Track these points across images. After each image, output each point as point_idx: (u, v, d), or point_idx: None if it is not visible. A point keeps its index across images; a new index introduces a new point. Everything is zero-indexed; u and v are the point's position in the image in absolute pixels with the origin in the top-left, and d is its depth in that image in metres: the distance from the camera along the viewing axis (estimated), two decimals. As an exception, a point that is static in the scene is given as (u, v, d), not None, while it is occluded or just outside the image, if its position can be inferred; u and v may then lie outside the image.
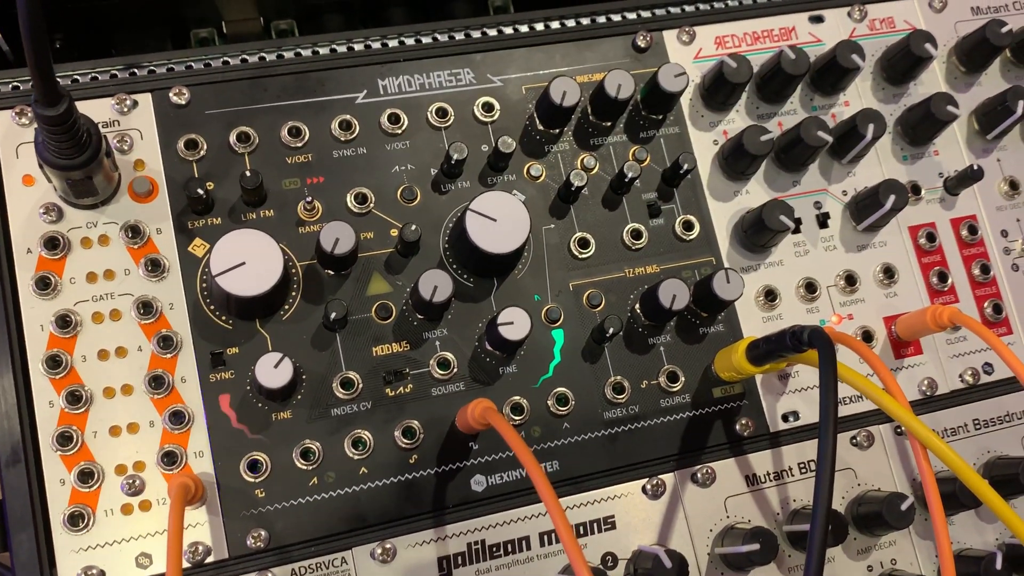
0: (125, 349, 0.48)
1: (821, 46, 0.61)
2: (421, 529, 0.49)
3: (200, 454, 0.48)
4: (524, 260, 0.54)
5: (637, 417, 0.53)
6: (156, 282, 0.49)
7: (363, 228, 0.52)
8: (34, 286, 0.48)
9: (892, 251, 0.58)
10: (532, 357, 0.53)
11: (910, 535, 0.55)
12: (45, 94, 0.42)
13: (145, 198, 0.50)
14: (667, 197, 0.56)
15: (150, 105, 0.51)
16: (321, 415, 0.49)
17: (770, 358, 0.49)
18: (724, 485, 0.53)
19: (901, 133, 0.60)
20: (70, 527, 0.46)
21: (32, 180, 0.49)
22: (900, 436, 0.56)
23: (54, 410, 0.47)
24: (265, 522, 0.48)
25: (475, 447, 0.51)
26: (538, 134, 0.55)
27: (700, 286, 0.53)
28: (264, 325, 0.50)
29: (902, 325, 0.57)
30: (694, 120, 0.58)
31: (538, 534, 0.51)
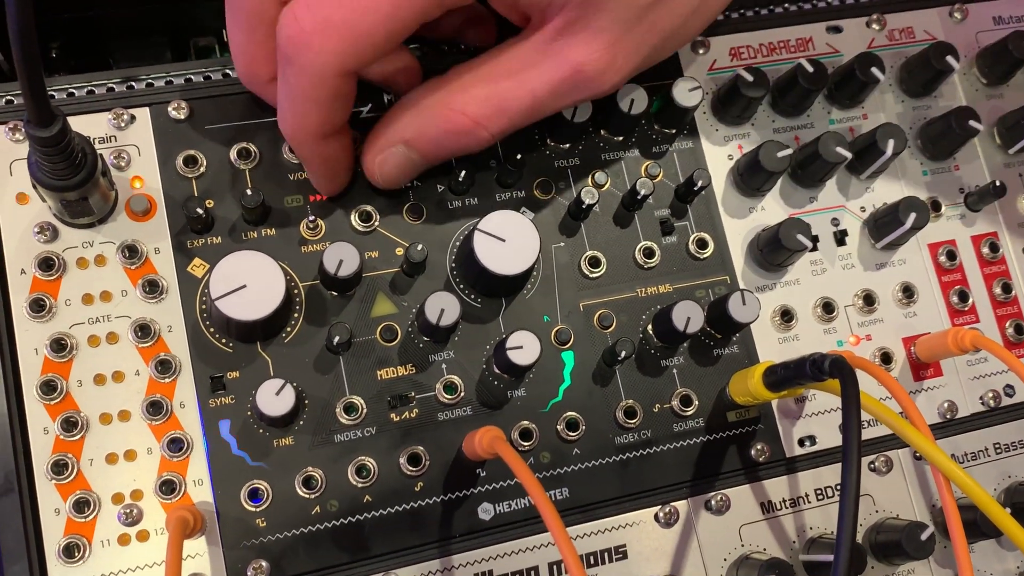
0: (122, 373, 0.47)
1: (839, 57, 0.59)
2: (427, 559, 0.48)
3: (199, 482, 0.46)
4: (533, 280, 0.52)
5: (649, 442, 0.52)
6: (154, 304, 0.48)
7: (367, 247, 0.50)
8: (28, 308, 0.47)
9: (911, 269, 0.57)
10: (541, 380, 0.51)
11: (929, 564, 0.53)
12: (38, 114, 0.40)
13: (143, 217, 0.49)
14: (680, 214, 0.55)
15: (148, 120, 0.50)
16: (324, 441, 0.48)
17: (788, 385, 0.48)
18: (739, 512, 0.52)
19: (921, 148, 0.59)
20: (65, 558, 0.45)
21: (26, 198, 0.48)
22: (919, 461, 0.55)
23: (49, 437, 0.46)
24: (266, 553, 0.46)
25: (482, 474, 0.50)
26: (548, 149, 0.54)
27: (715, 307, 0.52)
28: (265, 348, 0.48)
29: (922, 347, 0.55)
30: (708, 134, 0.56)
31: (547, 564, 0.49)
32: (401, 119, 0.47)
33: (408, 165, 0.49)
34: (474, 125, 0.46)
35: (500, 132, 0.47)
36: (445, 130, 0.47)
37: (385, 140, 0.48)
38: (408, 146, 0.48)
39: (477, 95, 0.46)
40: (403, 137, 0.47)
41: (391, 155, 0.48)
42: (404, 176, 0.49)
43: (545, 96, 0.46)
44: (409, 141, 0.47)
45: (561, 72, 0.45)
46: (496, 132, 0.47)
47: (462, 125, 0.46)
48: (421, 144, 0.48)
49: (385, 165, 0.48)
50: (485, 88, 0.46)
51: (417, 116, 0.47)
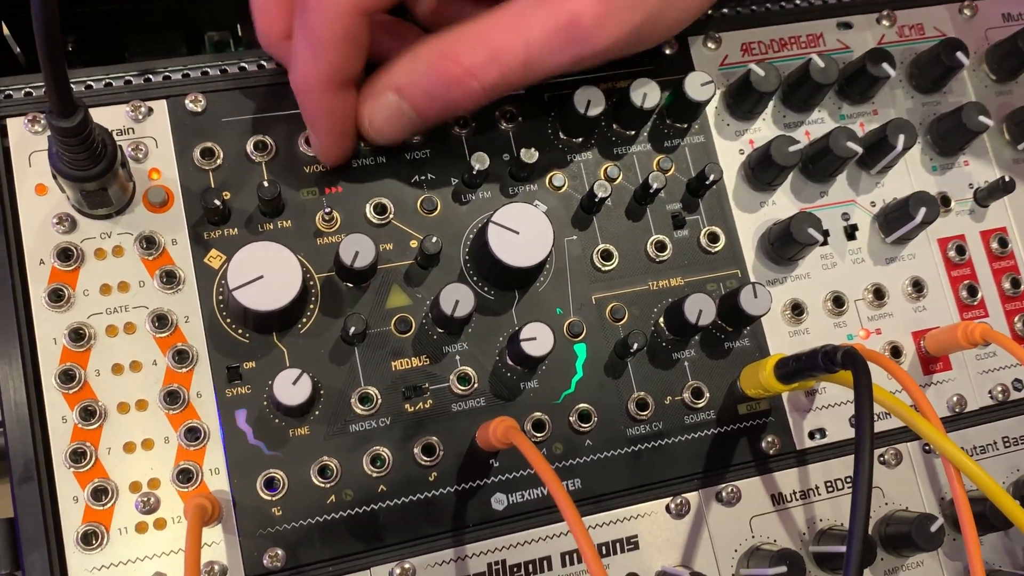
0: (140, 363, 0.47)
1: (849, 53, 0.59)
2: (441, 548, 0.48)
3: (216, 471, 0.47)
4: (546, 272, 0.53)
5: (661, 434, 0.52)
6: (171, 294, 0.48)
7: (382, 239, 0.51)
8: (47, 298, 0.47)
9: (921, 264, 0.57)
10: (554, 372, 0.51)
11: (938, 556, 0.54)
12: (60, 105, 0.40)
13: (160, 208, 0.49)
14: (692, 208, 0.55)
15: (165, 112, 0.50)
16: (339, 431, 0.48)
17: (799, 377, 0.48)
18: (749, 504, 0.52)
19: (931, 143, 0.59)
20: (83, 546, 0.45)
21: (45, 189, 0.48)
22: (928, 454, 0.55)
23: (67, 426, 0.46)
24: (282, 541, 0.47)
25: (496, 464, 0.50)
26: (560, 143, 0.54)
27: (726, 301, 0.52)
28: (281, 339, 0.49)
29: (932, 341, 0.55)
30: (719, 129, 0.56)
31: (560, 554, 0.50)
32: (395, 66, 0.47)
33: (400, 118, 0.48)
34: (465, 73, 0.45)
35: (492, 84, 0.46)
36: (436, 79, 0.46)
37: (377, 86, 0.47)
38: (400, 95, 0.47)
39: (470, 43, 0.45)
40: (395, 83, 0.46)
41: (382, 105, 0.47)
42: (396, 130, 0.48)
43: (538, 47, 0.45)
44: (401, 88, 0.46)
45: (556, 21, 0.45)
46: (487, 83, 0.46)
47: (453, 73, 0.45)
48: (412, 93, 0.47)
49: (375, 114, 0.47)
50: (479, 36, 0.45)
51: (410, 63, 0.46)
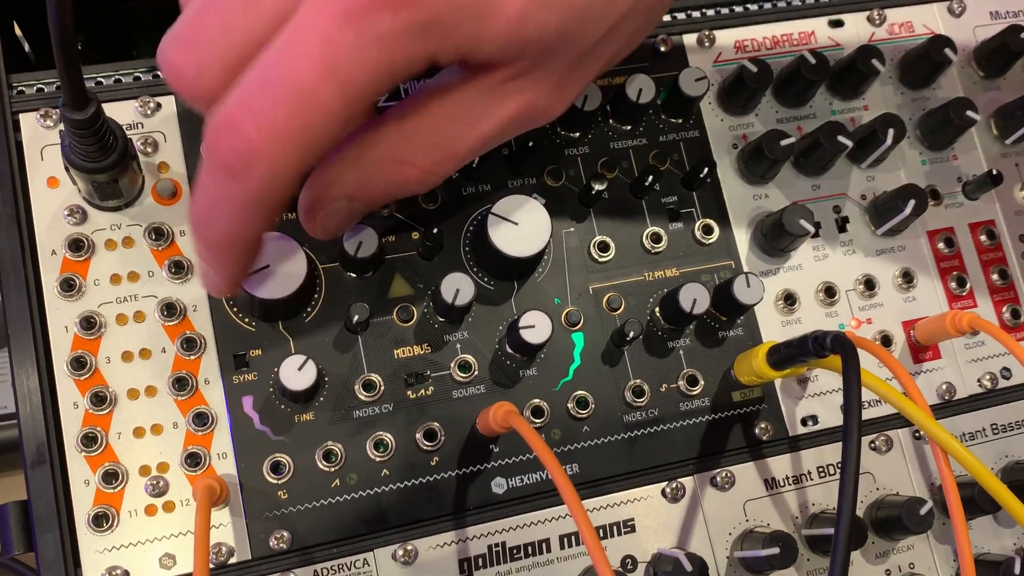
0: (149, 351, 0.49)
1: (840, 50, 0.61)
2: (442, 531, 0.50)
3: (223, 455, 0.48)
4: (544, 263, 0.54)
5: (657, 420, 0.53)
6: (180, 284, 0.50)
7: (384, 230, 0.52)
8: (59, 288, 0.48)
9: (911, 255, 0.59)
10: (552, 360, 0.53)
11: (928, 539, 0.55)
12: (73, 98, 0.42)
13: (169, 200, 0.50)
14: (686, 201, 0.56)
15: (174, 108, 0.52)
16: (343, 417, 0.50)
17: (791, 363, 0.49)
18: (743, 488, 0.53)
19: (920, 138, 0.60)
20: (94, 527, 0.46)
21: (56, 182, 0.50)
22: (919, 440, 0.56)
23: (78, 411, 0.47)
24: (288, 523, 0.48)
25: (496, 449, 0.51)
26: (558, 138, 0.56)
27: (720, 290, 0.54)
28: (287, 327, 0.50)
29: (921, 330, 0.57)
30: (713, 124, 0.58)
31: (558, 536, 0.51)
32: (341, 175, 0.43)
33: (350, 216, 0.46)
34: (424, 174, 0.43)
35: (447, 172, 0.44)
36: (392, 182, 0.44)
37: (326, 199, 0.44)
38: (351, 201, 0.44)
39: (424, 143, 0.43)
40: (345, 193, 0.43)
41: (333, 211, 0.44)
42: (344, 226, 0.47)
43: (494, 135, 0.44)
44: (352, 195, 0.44)
45: (510, 112, 0.43)
46: (445, 175, 0.44)
47: (412, 176, 0.43)
48: (365, 196, 0.44)
49: (327, 221, 0.45)
50: (432, 135, 0.43)
51: (360, 170, 0.43)
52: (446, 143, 0.43)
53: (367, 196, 0.44)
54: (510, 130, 0.44)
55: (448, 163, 0.44)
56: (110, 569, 0.46)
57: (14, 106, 0.50)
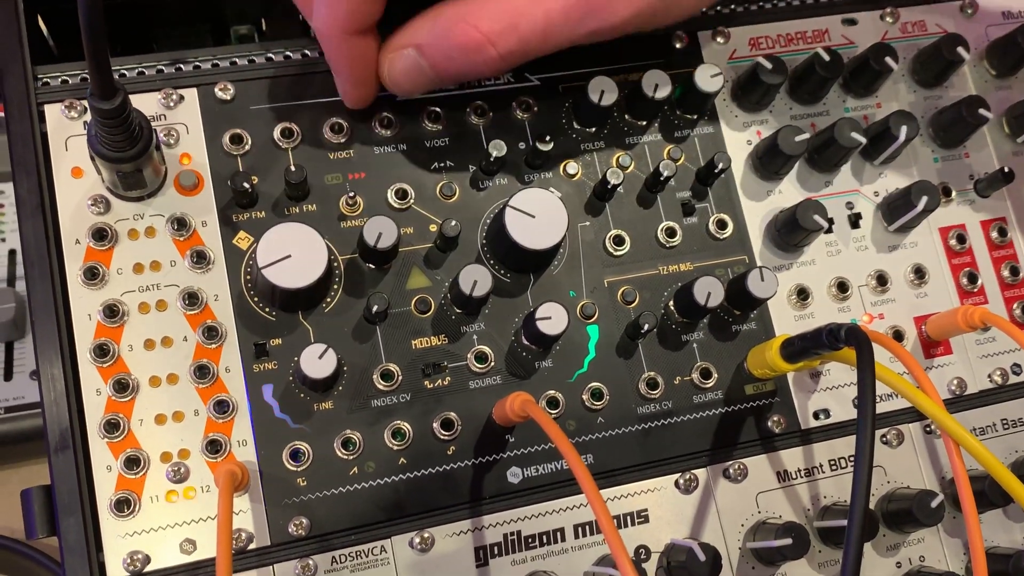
0: (171, 339, 0.49)
1: (853, 48, 0.61)
2: (458, 519, 0.50)
3: (243, 443, 0.49)
4: (560, 256, 0.55)
5: (670, 413, 0.54)
6: (201, 274, 0.50)
7: (403, 223, 0.53)
8: (82, 276, 0.49)
9: (923, 252, 0.59)
10: (567, 352, 0.53)
11: (939, 532, 0.56)
12: (101, 88, 0.43)
13: (191, 191, 0.51)
14: (701, 196, 0.57)
15: (196, 100, 0.52)
16: (361, 406, 0.50)
17: (805, 355, 0.50)
18: (756, 481, 0.54)
19: (932, 135, 0.61)
20: (116, 512, 0.47)
21: (81, 172, 0.50)
22: (929, 435, 0.57)
23: (101, 398, 0.48)
24: (306, 510, 0.49)
25: (511, 439, 0.52)
26: (575, 132, 0.56)
27: (734, 284, 0.54)
28: (307, 317, 0.51)
29: (932, 325, 0.57)
30: (728, 120, 0.58)
31: (573, 526, 0.51)
32: (418, 24, 0.48)
33: (417, 72, 0.49)
34: (484, 40, 0.46)
35: (509, 52, 0.47)
36: (455, 42, 0.47)
37: (399, 41, 0.49)
38: (419, 52, 0.48)
39: (492, 10, 0.47)
40: (416, 41, 0.48)
41: (401, 56, 0.49)
42: (413, 84, 0.50)
43: (557, 17, 0.46)
44: (420, 46, 0.48)
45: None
46: (504, 51, 0.47)
47: (472, 39, 0.47)
48: (431, 52, 0.48)
49: (394, 64, 0.49)
50: (500, 3, 0.47)
51: (432, 23, 0.48)
52: (510, 13, 0.46)
53: (433, 53, 0.48)
54: (574, 17, 0.46)
55: (508, 36, 0.46)
56: (131, 554, 0.47)
57: (39, 97, 0.51)
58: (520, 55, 0.48)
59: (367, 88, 0.51)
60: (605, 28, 0.48)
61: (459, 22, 0.47)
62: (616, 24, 0.47)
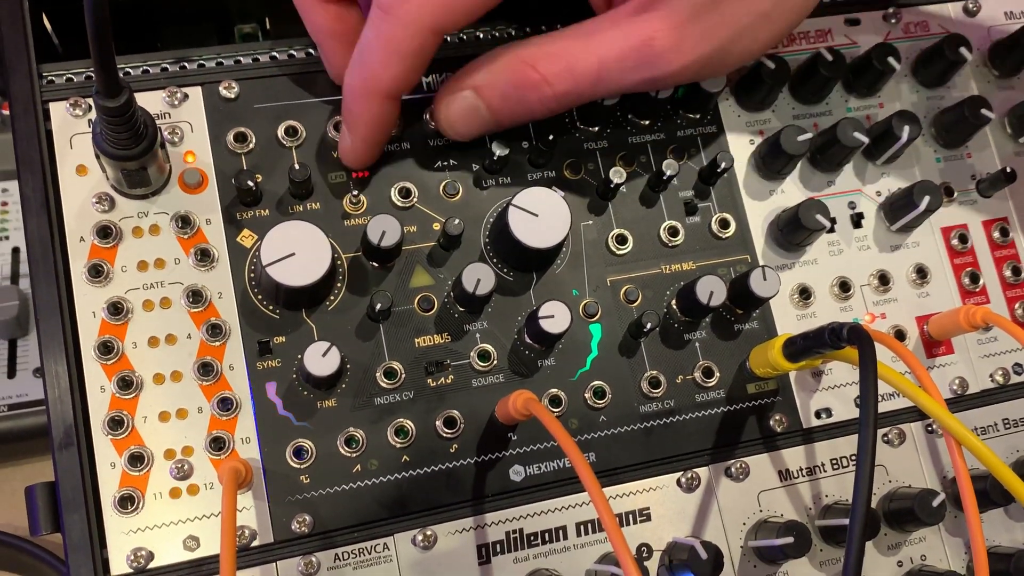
0: (175, 336, 0.49)
1: (856, 48, 0.61)
2: (461, 517, 0.50)
3: (247, 440, 0.49)
4: (563, 255, 0.55)
5: (672, 411, 0.54)
6: (205, 271, 0.50)
7: (407, 222, 0.53)
8: (87, 274, 0.49)
9: (925, 252, 0.59)
10: (570, 351, 0.53)
11: (940, 532, 0.56)
12: (107, 86, 0.43)
13: (195, 189, 0.51)
14: (703, 195, 0.57)
15: (200, 98, 0.52)
16: (365, 404, 0.50)
17: (807, 354, 0.50)
18: (757, 479, 0.54)
19: (934, 136, 0.61)
20: (120, 509, 0.47)
21: (85, 170, 0.50)
22: (931, 434, 0.57)
23: (105, 395, 0.48)
24: (310, 507, 0.49)
25: (514, 438, 0.52)
26: (578, 132, 0.56)
27: (736, 283, 0.54)
28: (310, 315, 0.51)
29: (934, 325, 0.57)
30: (730, 120, 0.59)
31: (575, 524, 0.52)
32: (475, 68, 0.50)
33: (474, 115, 0.51)
34: (541, 80, 0.48)
35: (564, 93, 0.49)
36: (513, 81, 0.49)
37: (456, 84, 0.50)
38: (477, 93, 0.50)
39: (548, 51, 0.48)
40: (473, 83, 0.50)
41: (458, 99, 0.50)
42: (469, 127, 0.51)
43: (612, 64, 0.48)
44: (479, 88, 0.50)
45: (630, 41, 0.47)
46: (560, 92, 0.49)
47: (530, 78, 0.48)
48: (489, 94, 0.50)
49: (451, 107, 0.51)
50: (557, 48, 0.48)
51: (490, 65, 0.49)
52: (566, 56, 0.48)
53: (490, 94, 0.50)
54: (627, 65, 0.48)
55: (564, 77, 0.48)
56: (135, 550, 0.47)
57: (44, 95, 0.51)
58: (574, 97, 0.49)
59: (376, 150, 0.52)
60: (658, 77, 0.49)
61: (518, 63, 0.49)
62: (668, 75, 0.49)
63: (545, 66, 0.48)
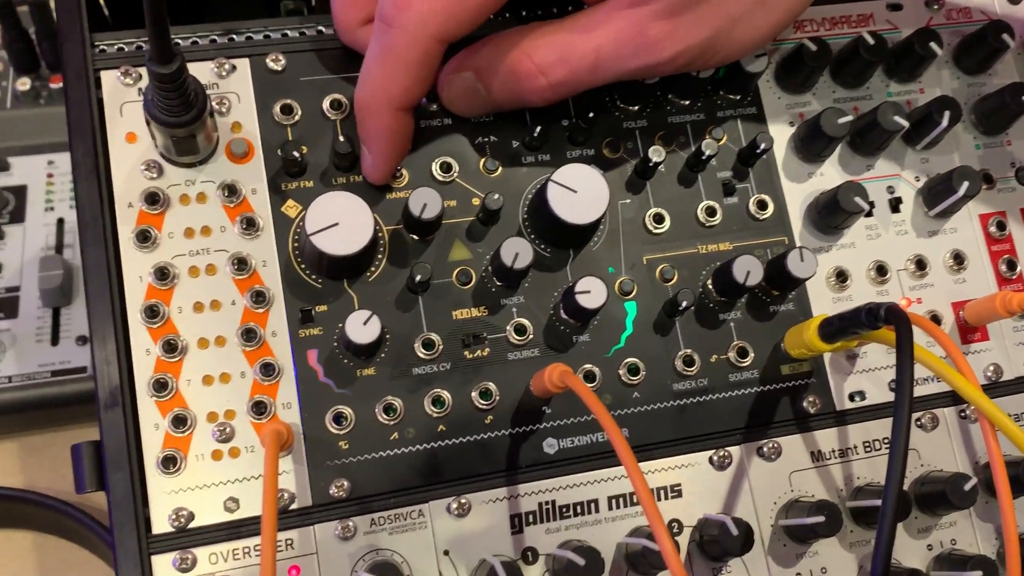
0: (219, 302, 0.50)
1: (897, 34, 0.61)
2: (495, 487, 0.51)
3: (288, 405, 0.50)
4: (600, 233, 0.55)
5: (706, 390, 0.54)
6: (250, 240, 0.51)
7: (446, 196, 0.53)
8: (135, 239, 0.50)
9: (962, 238, 0.59)
10: (605, 327, 0.54)
11: (971, 516, 0.56)
12: (160, 52, 0.44)
13: (241, 159, 0.52)
14: (742, 176, 0.57)
15: (247, 70, 0.53)
16: (403, 373, 0.51)
17: (843, 335, 0.50)
18: (789, 460, 0.54)
19: (975, 122, 0.61)
20: (163, 469, 0.48)
21: (135, 137, 0.51)
22: (964, 420, 0.57)
23: (150, 358, 0.49)
24: (347, 473, 0.50)
25: (548, 411, 0.53)
26: (617, 111, 0.57)
27: (773, 264, 0.54)
28: (351, 285, 0.52)
29: (970, 310, 0.57)
30: (770, 102, 0.59)
31: (607, 497, 0.52)
32: (477, 47, 0.51)
33: (473, 95, 0.52)
34: (535, 70, 0.49)
35: (559, 82, 0.49)
36: (508, 68, 0.50)
37: (459, 62, 0.51)
38: (477, 75, 0.51)
39: (545, 42, 0.49)
40: (475, 64, 0.51)
41: (459, 78, 0.51)
42: (468, 104, 0.52)
43: (608, 54, 0.49)
44: (478, 70, 0.51)
45: (626, 32, 0.48)
46: (555, 81, 0.49)
47: (524, 67, 0.49)
48: (487, 77, 0.51)
49: (452, 85, 0.52)
50: (553, 37, 0.49)
51: (492, 50, 0.50)
52: (562, 46, 0.49)
53: (489, 78, 0.51)
54: (623, 54, 0.49)
55: (559, 67, 0.49)
56: (176, 510, 0.48)
57: (96, 63, 0.52)
58: (570, 86, 0.50)
59: (395, 163, 0.52)
60: (652, 64, 0.49)
61: (514, 50, 0.49)
62: (663, 60, 0.49)
63: (541, 55, 0.49)
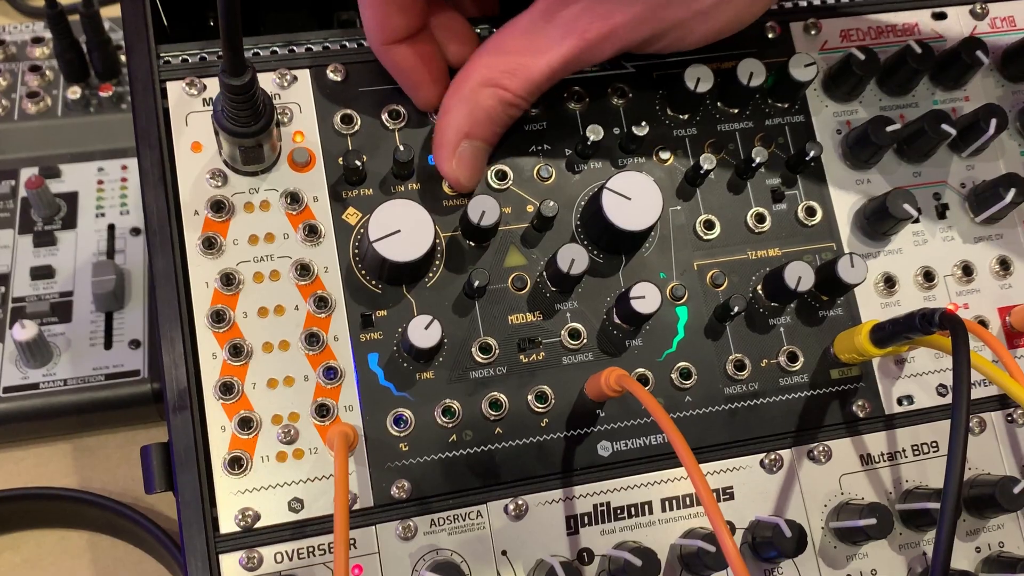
0: (283, 307, 0.52)
1: (942, 43, 0.62)
2: (551, 488, 0.52)
3: (350, 408, 0.51)
4: (651, 239, 0.56)
5: (757, 394, 0.55)
6: (312, 247, 0.53)
7: (502, 203, 0.54)
8: (201, 246, 0.52)
9: (1008, 244, 0.60)
10: (657, 332, 0.55)
11: (1019, 519, 0.56)
12: (233, 64, 0.45)
13: (303, 168, 0.53)
14: (790, 183, 0.58)
15: (308, 81, 0.55)
16: (461, 377, 0.52)
17: (894, 340, 0.51)
18: (839, 463, 0.55)
19: (1020, 130, 0.62)
20: (230, 470, 0.50)
21: (200, 147, 0.53)
22: (1011, 424, 0.57)
23: (217, 361, 0.51)
24: (408, 474, 0.51)
25: (602, 414, 0.54)
26: (667, 119, 0.58)
27: (823, 270, 0.55)
28: (410, 291, 0.53)
29: (1017, 316, 0.58)
30: (818, 110, 0.60)
31: (660, 500, 0.53)
32: (455, 118, 0.52)
33: (480, 155, 0.54)
34: (512, 97, 0.52)
35: (531, 97, 0.52)
36: (492, 106, 0.52)
37: (449, 143, 0.52)
38: (470, 138, 0.52)
39: (505, 68, 0.51)
40: (464, 132, 0.52)
41: (462, 154, 0.53)
42: (480, 166, 0.54)
43: (559, 67, 0.51)
44: (469, 133, 0.52)
45: (568, 45, 0.51)
46: (529, 98, 0.52)
47: (503, 98, 0.52)
48: (479, 131, 0.52)
49: (462, 165, 0.53)
50: (510, 61, 0.51)
51: (465, 106, 0.52)
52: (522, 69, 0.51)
53: (480, 130, 0.52)
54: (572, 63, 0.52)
55: (527, 87, 0.52)
56: (243, 510, 0.49)
57: (162, 75, 0.54)
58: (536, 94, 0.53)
59: (425, 90, 0.54)
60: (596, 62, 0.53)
61: (488, 88, 0.52)
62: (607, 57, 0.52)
63: (509, 82, 0.51)
